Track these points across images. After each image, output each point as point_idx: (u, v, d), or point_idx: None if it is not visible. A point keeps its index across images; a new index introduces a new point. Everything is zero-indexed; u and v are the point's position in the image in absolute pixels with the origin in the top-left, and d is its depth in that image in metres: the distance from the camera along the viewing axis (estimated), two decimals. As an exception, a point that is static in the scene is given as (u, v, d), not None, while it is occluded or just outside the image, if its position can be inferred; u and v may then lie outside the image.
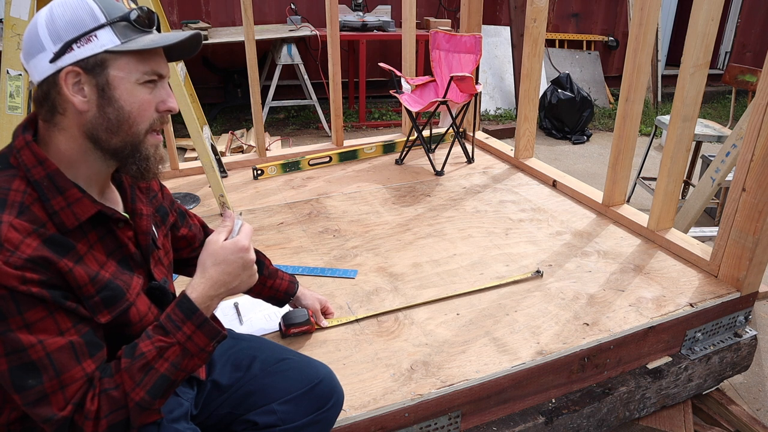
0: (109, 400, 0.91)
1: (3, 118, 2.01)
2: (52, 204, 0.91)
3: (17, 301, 0.84)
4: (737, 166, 1.92)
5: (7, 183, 0.89)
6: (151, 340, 0.96)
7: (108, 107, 0.93)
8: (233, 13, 5.50)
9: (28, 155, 0.92)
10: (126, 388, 0.92)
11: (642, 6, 2.20)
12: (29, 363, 0.86)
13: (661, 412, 2.00)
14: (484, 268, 2.13)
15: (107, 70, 0.92)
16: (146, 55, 0.95)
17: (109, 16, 0.92)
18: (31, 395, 0.87)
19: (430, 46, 3.31)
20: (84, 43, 0.90)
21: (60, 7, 0.91)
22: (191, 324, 0.97)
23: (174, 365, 0.96)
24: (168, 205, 1.25)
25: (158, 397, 0.95)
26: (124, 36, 0.92)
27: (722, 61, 7.59)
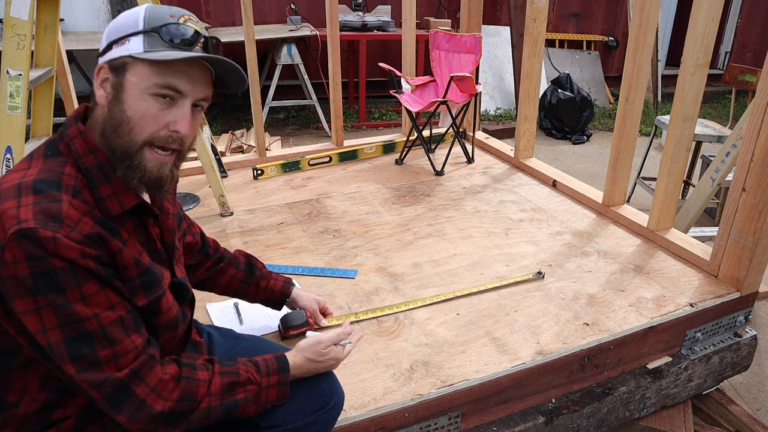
0: (188, 388, 0.98)
1: (3, 118, 2.01)
2: (100, 191, 0.96)
3: (76, 273, 0.88)
4: (737, 166, 1.92)
5: (60, 167, 0.94)
6: (246, 368, 1.07)
7: (115, 107, 0.96)
8: (233, 13, 5.50)
9: (80, 144, 0.97)
10: (212, 389, 1.01)
11: (642, 6, 2.20)
12: (85, 334, 0.89)
13: (661, 412, 2.00)
14: (484, 268, 2.13)
15: (126, 74, 0.95)
16: (164, 68, 0.94)
17: (147, 25, 0.96)
18: (84, 363, 0.90)
19: (430, 46, 3.31)
20: (119, 46, 0.96)
21: (123, 14, 0.99)
22: (277, 378, 1.11)
23: (245, 399, 1.06)
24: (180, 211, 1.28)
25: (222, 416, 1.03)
26: (151, 46, 0.95)
27: (722, 61, 7.59)
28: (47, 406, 0.99)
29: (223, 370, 1.04)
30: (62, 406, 1.00)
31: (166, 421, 0.96)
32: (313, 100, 5.07)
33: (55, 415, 1.00)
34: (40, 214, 0.86)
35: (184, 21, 0.98)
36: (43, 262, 0.85)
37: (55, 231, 0.85)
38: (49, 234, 0.85)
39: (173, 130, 0.97)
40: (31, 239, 0.84)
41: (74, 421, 1.01)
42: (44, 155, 0.96)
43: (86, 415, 1.02)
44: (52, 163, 0.94)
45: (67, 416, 1.01)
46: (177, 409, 0.96)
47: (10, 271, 0.85)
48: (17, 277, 0.85)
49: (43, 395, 0.98)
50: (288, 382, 1.12)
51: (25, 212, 0.86)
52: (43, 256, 0.85)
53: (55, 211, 0.87)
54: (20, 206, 0.86)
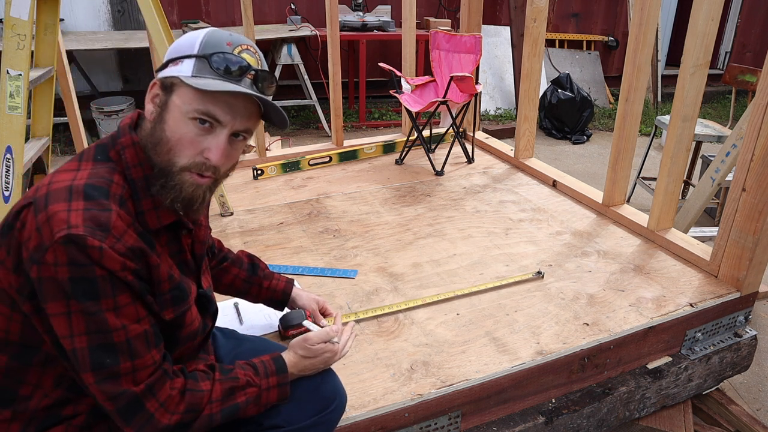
0: (192, 399, 0.99)
1: (3, 118, 2.01)
2: (142, 204, 0.98)
3: (114, 284, 0.89)
4: (737, 166, 1.92)
5: (110, 174, 0.95)
6: (244, 371, 1.08)
7: (158, 125, 0.98)
8: (233, 13, 5.50)
9: (131, 154, 0.98)
10: (213, 397, 1.02)
11: (642, 6, 2.20)
12: (110, 344, 0.90)
13: (661, 412, 2.00)
14: (484, 268, 2.13)
15: (172, 94, 0.98)
16: (207, 96, 0.95)
17: (201, 51, 0.97)
18: (104, 373, 0.91)
19: (430, 46, 3.31)
20: (173, 65, 0.98)
21: (189, 34, 1.00)
22: (276, 379, 1.12)
23: (246, 402, 1.07)
24: None
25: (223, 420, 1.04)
26: (199, 72, 0.96)
27: (722, 61, 7.59)
28: (58, 403, 1.00)
29: (222, 377, 1.05)
30: (73, 403, 1.01)
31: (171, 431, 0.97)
32: (313, 100, 5.07)
33: (66, 412, 1.01)
34: (90, 221, 0.87)
35: (240, 51, 0.98)
36: (85, 269, 0.86)
37: (102, 240, 0.87)
38: (97, 243, 0.86)
39: (206, 157, 0.98)
40: (78, 245, 0.85)
41: (84, 417, 1.02)
42: (94, 158, 0.98)
43: (96, 412, 1.03)
44: (101, 168, 0.96)
45: (78, 413, 1.02)
46: (182, 420, 0.98)
47: (50, 272, 0.86)
48: (56, 280, 0.86)
49: (58, 393, 0.99)
50: (287, 382, 1.13)
51: (75, 217, 0.87)
52: (87, 264, 0.86)
53: (104, 220, 0.89)
54: (71, 210, 0.87)
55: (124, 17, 5.00)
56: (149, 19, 2.17)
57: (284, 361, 1.15)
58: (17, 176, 2.03)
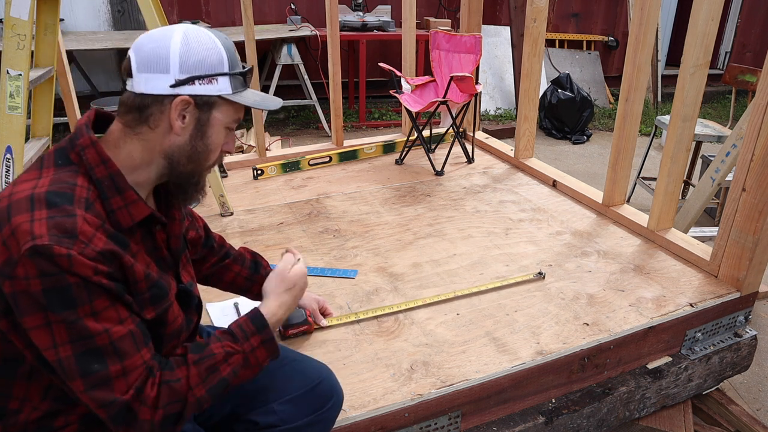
0: (170, 391, 0.96)
1: (3, 118, 2.01)
2: (111, 203, 0.96)
3: (89, 290, 0.88)
4: (737, 166, 1.92)
5: (72, 178, 0.94)
6: (221, 344, 1.05)
7: (199, 140, 1.03)
8: (233, 13, 5.50)
9: (92, 154, 0.97)
10: (191, 383, 0.98)
11: (642, 6, 2.20)
12: (95, 349, 0.89)
13: (661, 412, 2.00)
14: (484, 268, 2.13)
15: (213, 111, 1.02)
16: (240, 107, 1.06)
17: (231, 67, 1.03)
18: (94, 380, 0.90)
19: (430, 46, 3.31)
20: (206, 83, 1.00)
21: (195, 42, 1.00)
22: (259, 337, 1.08)
23: (234, 372, 1.04)
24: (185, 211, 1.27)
25: (212, 398, 1.02)
26: (235, 88, 1.04)
27: (722, 61, 7.59)
28: (49, 415, 0.99)
29: (196, 358, 1.01)
30: (64, 414, 1.00)
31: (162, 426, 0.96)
32: (313, 100, 5.07)
33: (57, 423, 1.00)
34: (54, 229, 0.86)
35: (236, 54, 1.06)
36: (56, 278, 0.85)
37: (70, 248, 0.85)
38: (64, 251, 0.85)
39: (226, 151, 1.09)
40: (46, 256, 0.84)
41: (76, 427, 1.01)
42: (55, 164, 0.96)
43: (87, 421, 1.02)
44: (63, 173, 0.94)
45: (69, 423, 1.01)
46: (167, 413, 0.95)
47: (22, 286, 0.85)
48: (29, 293, 0.85)
49: (46, 404, 0.98)
50: (272, 336, 1.10)
51: (39, 227, 0.85)
52: (57, 273, 0.85)
53: (69, 226, 0.87)
54: (34, 220, 0.86)
55: (124, 17, 5.00)
56: (149, 19, 2.17)
57: (262, 315, 1.12)
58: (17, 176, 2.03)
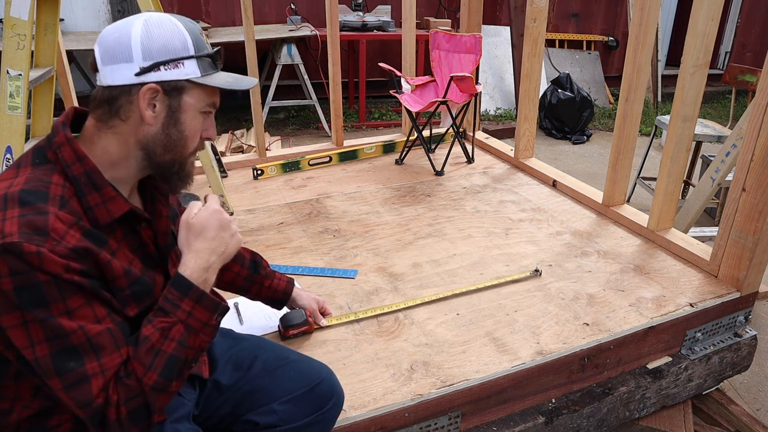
0: (125, 388, 0.93)
1: (3, 118, 2.01)
2: (88, 200, 0.95)
3: (60, 287, 0.87)
4: (737, 166, 1.92)
5: (47, 176, 0.93)
6: (152, 324, 0.97)
7: (172, 127, 1.01)
8: (233, 13, 5.50)
9: (68, 151, 0.96)
10: (138, 374, 0.93)
11: (642, 6, 2.20)
12: (71, 347, 0.88)
13: (661, 412, 2.00)
14: (484, 268, 2.13)
15: (183, 96, 1.01)
16: (213, 90, 1.05)
17: (197, 50, 1.01)
18: (70, 378, 0.88)
19: (430, 46, 3.31)
20: (171, 68, 0.98)
21: (157, 28, 0.98)
22: (188, 300, 0.98)
23: (181, 344, 0.96)
24: (176, 206, 1.26)
25: (173, 378, 0.97)
26: (204, 70, 1.02)
27: (722, 61, 7.59)
28: (42, 413, 0.99)
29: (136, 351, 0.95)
30: (57, 412, 1.00)
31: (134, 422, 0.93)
32: (313, 100, 5.07)
33: (51, 422, 1.00)
34: (25, 227, 0.85)
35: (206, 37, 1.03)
36: (26, 276, 0.84)
37: (40, 245, 0.85)
38: (34, 249, 0.84)
39: (206, 138, 1.07)
40: (15, 254, 0.83)
41: (70, 426, 1.01)
42: (32, 163, 0.95)
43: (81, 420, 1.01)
44: (39, 171, 0.93)
45: (62, 422, 1.00)
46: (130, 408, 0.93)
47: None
48: (2, 292, 0.84)
49: (37, 402, 0.98)
50: (202, 292, 0.99)
51: (9, 226, 0.85)
52: (27, 271, 0.84)
53: (41, 224, 0.86)
54: (5, 219, 0.85)
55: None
56: (149, 19, 2.17)
57: (181, 276, 1.00)
58: None
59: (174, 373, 0.96)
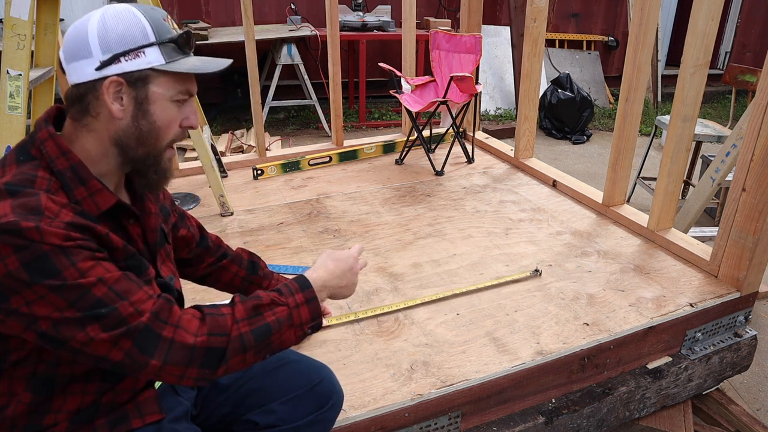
0: (214, 322, 0.96)
1: (3, 118, 2.01)
2: (75, 194, 0.95)
3: (67, 253, 0.87)
4: (737, 166, 1.92)
5: (33, 171, 0.93)
6: (267, 293, 1.04)
7: (142, 119, 0.98)
8: (233, 13, 5.50)
9: (51, 146, 0.95)
10: (237, 316, 0.98)
11: (642, 6, 2.20)
12: (96, 301, 0.88)
13: (661, 412, 2.00)
14: (484, 268, 2.13)
15: (148, 86, 0.97)
16: (184, 76, 1.00)
17: (159, 36, 0.97)
18: (107, 322, 0.88)
19: (430, 46, 3.31)
20: (132, 58, 0.95)
21: (113, 19, 0.95)
22: (302, 295, 1.06)
23: (278, 322, 1.02)
24: (169, 205, 1.26)
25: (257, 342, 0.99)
26: (169, 56, 0.98)
27: (722, 61, 7.59)
28: (36, 409, 0.98)
29: (244, 298, 1.02)
30: (53, 410, 0.99)
31: (203, 359, 0.94)
32: (313, 100, 5.07)
33: (46, 421, 1.00)
34: (19, 208, 0.85)
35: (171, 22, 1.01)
36: (30, 250, 0.84)
37: (37, 222, 0.85)
38: (32, 224, 0.84)
39: (187, 126, 1.04)
40: (13, 232, 0.83)
41: (66, 425, 1.01)
42: (16, 160, 0.95)
43: (78, 419, 1.01)
44: (24, 167, 0.93)
45: (58, 421, 1.00)
46: (210, 344, 0.94)
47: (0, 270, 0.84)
48: (10, 273, 0.84)
49: (28, 397, 0.98)
50: (315, 297, 1.08)
51: (2, 208, 0.85)
52: (29, 245, 0.84)
53: (34, 204, 0.87)
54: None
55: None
56: (149, 19, 2.17)
57: (306, 277, 1.10)
58: None
59: (258, 342, 0.99)
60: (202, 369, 0.94)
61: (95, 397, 1.01)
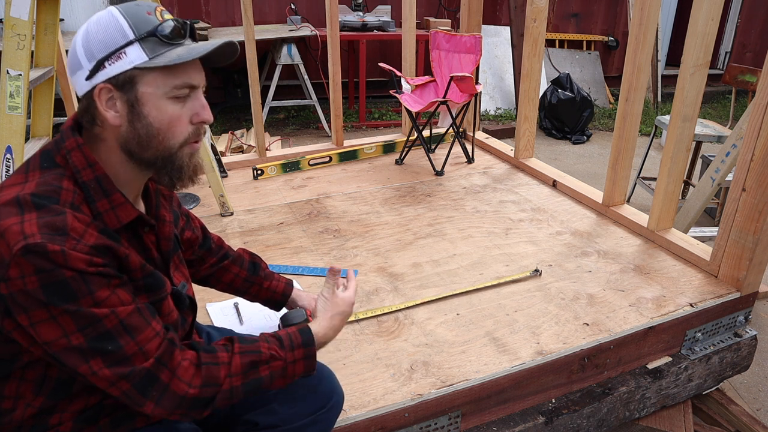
0: (208, 374, 0.97)
1: (3, 118, 2.01)
2: (98, 206, 0.95)
3: (87, 281, 0.87)
4: (737, 166, 1.92)
5: (58, 181, 0.92)
6: (268, 345, 1.06)
7: (137, 123, 0.95)
8: (233, 13, 5.50)
9: (78, 157, 0.95)
10: (232, 370, 1.00)
11: (642, 6, 2.20)
12: (105, 332, 0.89)
13: (661, 412, 2.00)
14: (484, 268, 2.13)
15: (136, 87, 0.93)
16: (176, 69, 0.95)
17: (138, 32, 0.93)
18: (110, 359, 0.90)
19: (430, 46, 3.31)
20: (114, 61, 0.92)
21: (94, 26, 0.94)
22: (302, 352, 1.09)
23: (270, 377, 1.05)
24: (177, 208, 1.26)
25: (245, 393, 1.03)
26: (153, 51, 0.93)
27: (722, 61, 7.59)
28: (44, 411, 0.99)
29: (243, 349, 1.03)
30: (59, 411, 1.00)
31: (191, 406, 0.97)
32: (313, 100, 5.07)
33: (52, 421, 1.00)
34: (45, 228, 0.85)
35: (161, 13, 0.97)
36: (53, 274, 0.84)
37: (62, 244, 0.85)
38: (57, 248, 0.84)
39: (199, 122, 0.99)
40: (39, 254, 0.83)
41: (71, 425, 1.01)
42: (41, 167, 0.94)
43: (82, 419, 1.02)
44: (49, 176, 0.93)
45: (63, 421, 1.01)
46: (201, 395, 0.96)
47: (18, 286, 0.84)
48: (27, 291, 0.84)
49: (39, 400, 0.98)
50: (314, 354, 1.11)
51: (29, 227, 0.85)
52: (52, 269, 0.84)
53: (60, 224, 0.87)
54: (23, 221, 0.85)
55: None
56: (149, 19, 2.17)
57: (311, 332, 1.13)
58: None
59: (247, 392, 1.03)
60: (189, 412, 0.98)
61: (100, 397, 1.02)
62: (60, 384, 0.98)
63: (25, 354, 0.95)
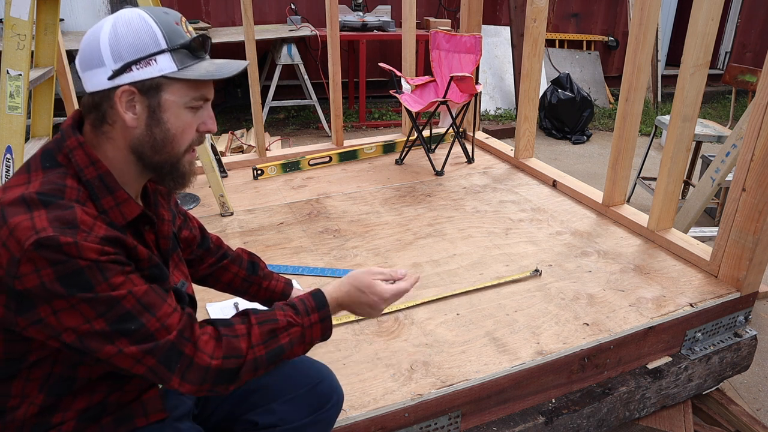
0: (229, 345, 0.99)
1: (3, 118, 2.01)
2: (102, 203, 0.96)
3: (102, 268, 0.88)
4: (737, 166, 1.92)
5: (61, 180, 0.93)
6: (284, 312, 1.07)
7: (155, 127, 0.98)
8: (233, 13, 5.50)
9: (81, 155, 0.96)
10: (253, 341, 1.01)
11: (642, 6, 2.20)
12: (125, 313, 0.90)
13: (661, 412, 2.00)
14: (484, 268, 2.13)
15: (161, 94, 0.96)
16: (198, 82, 0.99)
17: (170, 42, 0.95)
18: (136, 337, 0.91)
19: (430, 46, 3.31)
20: (143, 66, 0.94)
21: (124, 27, 0.94)
22: (317, 315, 1.10)
23: (290, 343, 1.06)
24: (174, 207, 1.26)
25: (270, 363, 1.03)
26: (182, 62, 0.97)
27: (722, 61, 7.59)
28: (46, 409, 0.99)
29: (260, 319, 1.04)
30: (61, 409, 1.00)
31: (216, 379, 0.97)
32: (313, 100, 5.07)
33: (55, 419, 1.00)
34: (56, 222, 0.86)
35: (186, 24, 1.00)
36: (68, 265, 0.85)
37: (74, 236, 0.86)
38: (70, 240, 0.85)
39: (205, 130, 1.04)
40: (53, 247, 0.84)
41: (73, 424, 1.01)
42: (42, 166, 0.95)
43: (85, 418, 1.02)
44: (52, 175, 0.93)
45: (66, 420, 1.01)
46: (224, 366, 0.97)
47: (34, 281, 0.85)
48: (43, 285, 0.85)
49: (41, 398, 0.98)
50: (329, 316, 1.12)
51: (40, 222, 0.85)
52: (67, 260, 0.85)
53: (70, 217, 0.88)
54: (33, 217, 0.86)
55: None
56: (149, 19, 2.17)
57: (323, 294, 1.13)
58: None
59: (271, 361, 1.03)
60: (215, 386, 0.98)
61: (103, 396, 1.02)
62: (63, 381, 0.98)
63: (33, 353, 0.95)
